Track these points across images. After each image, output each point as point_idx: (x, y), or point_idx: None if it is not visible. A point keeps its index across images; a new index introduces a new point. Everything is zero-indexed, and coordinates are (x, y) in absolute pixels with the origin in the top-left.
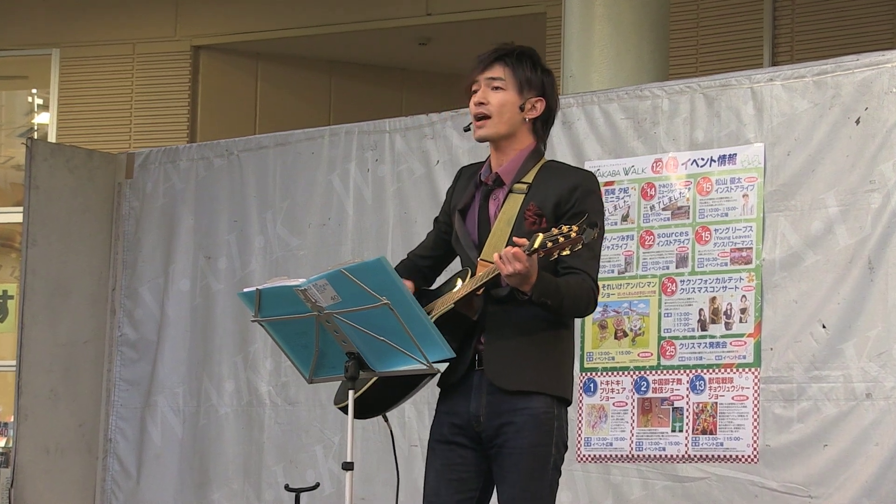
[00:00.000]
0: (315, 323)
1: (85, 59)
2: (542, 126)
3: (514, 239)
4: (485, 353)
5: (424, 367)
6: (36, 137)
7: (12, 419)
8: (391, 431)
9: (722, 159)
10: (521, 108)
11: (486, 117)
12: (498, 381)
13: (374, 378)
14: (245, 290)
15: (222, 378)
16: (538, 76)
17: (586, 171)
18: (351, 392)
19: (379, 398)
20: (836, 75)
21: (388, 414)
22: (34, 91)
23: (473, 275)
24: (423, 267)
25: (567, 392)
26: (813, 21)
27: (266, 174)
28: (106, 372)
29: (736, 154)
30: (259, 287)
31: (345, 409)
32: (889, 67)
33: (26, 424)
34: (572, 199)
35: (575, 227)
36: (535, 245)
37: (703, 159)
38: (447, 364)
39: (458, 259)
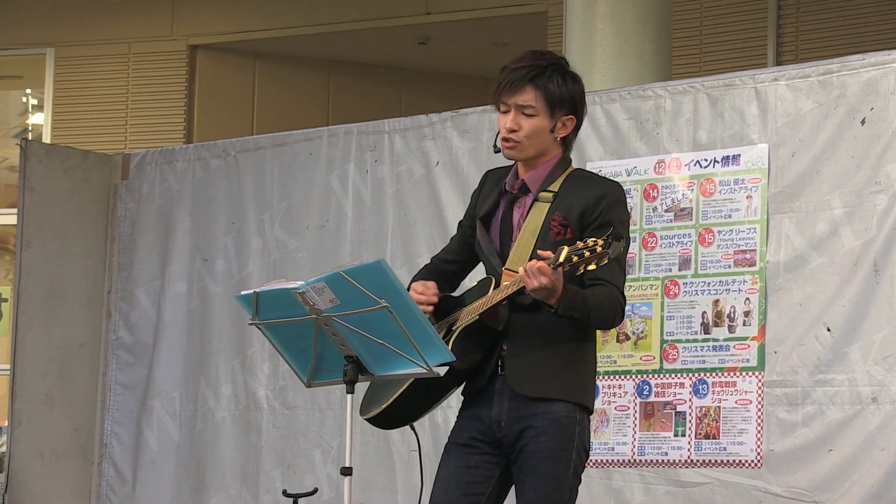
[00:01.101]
0: (313, 326)
1: (80, 59)
2: (571, 138)
3: (539, 252)
4: (507, 359)
5: (424, 370)
6: (30, 138)
7: (6, 423)
8: (418, 441)
9: (725, 160)
10: (553, 130)
11: (515, 142)
12: (520, 389)
13: (404, 388)
14: (242, 292)
15: (219, 382)
16: (567, 91)
17: (612, 181)
18: (350, 396)
19: (409, 407)
20: (842, 75)
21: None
22: (28, 91)
23: (497, 284)
24: (447, 271)
25: (589, 400)
26: (818, 20)
27: (264, 175)
28: (101, 376)
29: (740, 155)
30: (257, 290)
31: (373, 422)
32: (895, 67)
33: (21, 429)
34: (598, 210)
35: (601, 242)
36: (561, 259)
37: (706, 160)
38: (447, 367)
39: (482, 264)
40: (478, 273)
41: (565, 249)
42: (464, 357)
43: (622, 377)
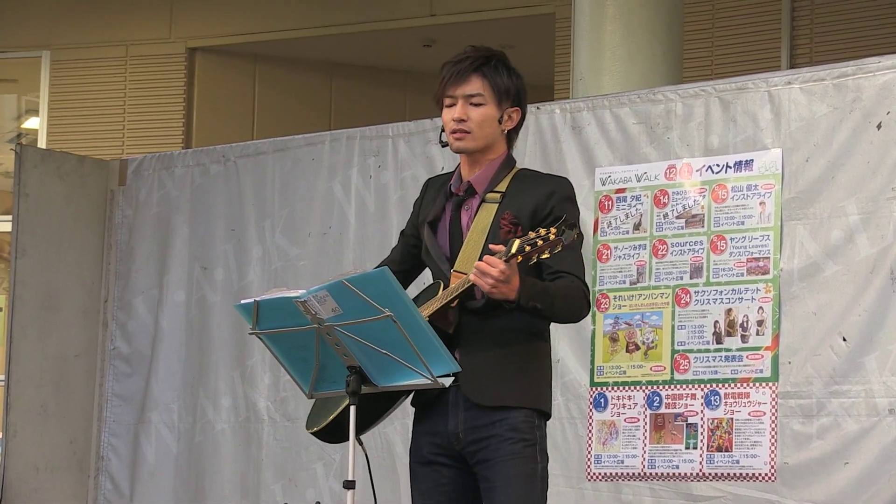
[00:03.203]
0: (315, 336)
1: (76, 62)
2: (514, 134)
3: (491, 246)
4: (461, 366)
5: (429, 381)
6: (25, 143)
7: (1, 436)
8: (366, 455)
9: (738, 165)
10: (500, 121)
11: (465, 132)
12: (476, 398)
13: (345, 403)
14: (242, 301)
15: (219, 393)
16: (513, 84)
17: (561, 177)
18: (353, 408)
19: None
20: (857, 78)
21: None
22: (24, 95)
23: (447, 287)
24: None
25: (547, 406)
26: (833, 21)
27: (264, 181)
28: (98, 387)
29: (752, 160)
30: (257, 298)
31: (318, 435)
32: None
33: (15, 441)
34: (549, 205)
35: (553, 229)
36: (513, 250)
37: (718, 165)
38: (452, 378)
39: (426, 273)
40: (423, 280)
41: (517, 241)
42: None
43: (632, 388)
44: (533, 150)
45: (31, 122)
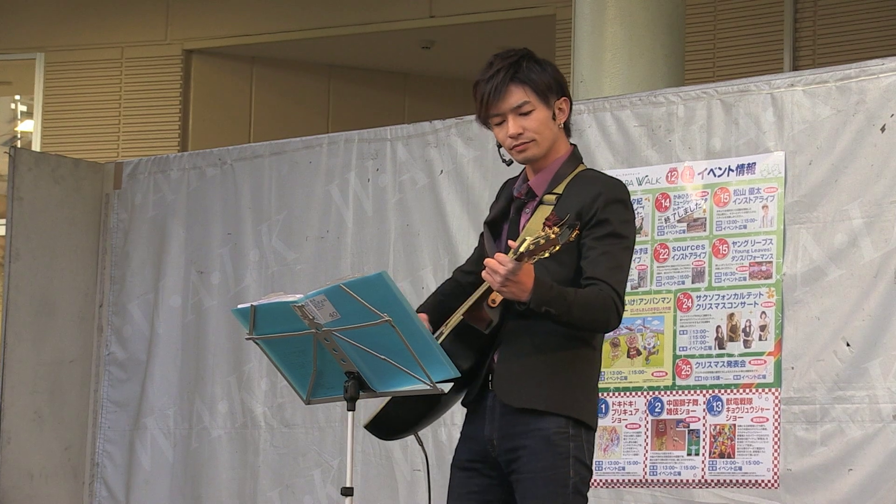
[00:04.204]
0: (313, 341)
1: (71, 64)
2: (570, 121)
3: (509, 242)
4: (496, 369)
5: (428, 386)
6: (19, 146)
7: None
8: (425, 454)
9: (740, 169)
10: (554, 118)
11: (526, 142)
12: (505, 398)
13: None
14: (239, 306)
15: (215, 399)
16: (549, 75)
17: (615, 179)
18: (351, 413)
19: (397, 417)
20: (861, 80)
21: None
22: (17, 97)
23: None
24: (466, 283)
25: (584, 414)
26: (836, 23)
27: (261, 184)
28: (93, 393)
29: (755, 163)
30: (254, 303)
31: (369, 429)
32: None
33: (9, 448)
34: (594, 208)
35: (557, 229)
36: (521, 249)
37: (720, 169)
38: (451, 384)
39: None
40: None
41: (527, 240)
42: (454, 362)
43: (633, 394)
44: None
45: (26, 125)
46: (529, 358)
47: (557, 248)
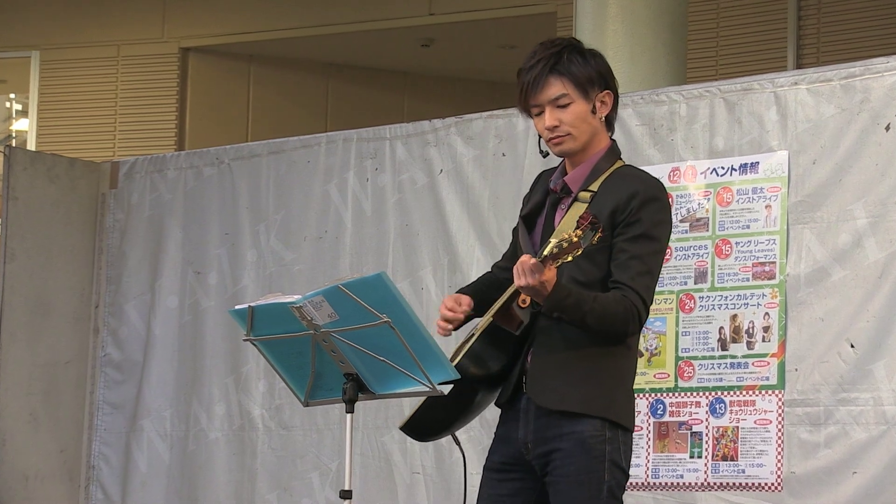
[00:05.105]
0: (311, 342)
1: (66, 62)
2: (613, 115)
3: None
4: (529, 370)
5: (427, 388)
6: (14, 145)
7: None
8: (462, 452)
9: (743, 168)
10: (594, 111)
11: (562, 136)
12: (539, 400)
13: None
14: (237, 307)
15: (212, 401)
16: (593, 68)
17: (653, 178)
18: (349, 416)
19: (434, 418)
20: (865, 79)
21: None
22: (12, 96)
23: None
24: (503, 279)
25: (620, 416)
26: (840, 21)
27: (259, 184)
28: (89, 394)
29: (758, 162)
30: (252, 304)
31: (404, 430)
32: None
33: (4, 450)
34: (629, 208)
35: (579, 231)
36: (546, 252)
37: (723, 168)
38: (451, 386)
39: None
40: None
41: (551, 243)
42: (484, 363)
43: (635, 396)
44: (534, 151)
45: (21, 124)
46: (563, 358)
47: (580, 251)
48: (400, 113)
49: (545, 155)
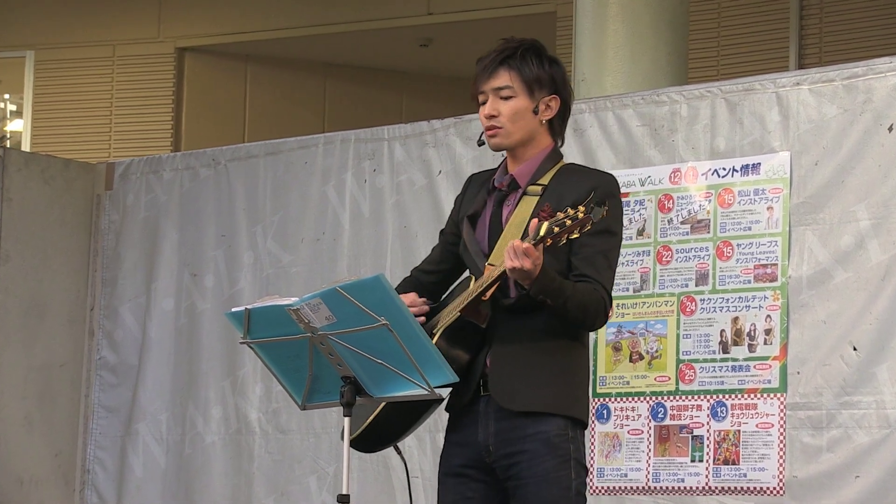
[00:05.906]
0: (308, 345)
1: (62, 62)
2: (559, 123)
3: (534, 220)
4: (491, 369)
5: (426, 391)
6: (9, 146)
7: None
8: (405, 464)
9: (745, 169)
10: (536, 112)
11: (497, 128)
12: (504, 402)
13: (379, 408)
14: (233, 309)
15: (209, 404)
16: (546, 71)
17: (607, 173)
18: (347, 420)
19: (389, 427)
20: (868, 79)
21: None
22: (7, 96)
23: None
24: (427, 283)
25: (583, 413)
26: (842, 21)
27: (256, 185)
28: (84, 397)
29: (760, 163)
30: (248, 306)
31: (353, 444)
32: None
33: None
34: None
35: (582, 207)
36: (542, 232)
37: (724, 169)
38: (451, 388)
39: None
40: None
41: (545, 224)
42: (449, 362)
43: (635, 399)
44: None
45: (15, 125)
46: (524, 357)
47: (589, 227)
48: (398, 113)
49: (481, 144)
